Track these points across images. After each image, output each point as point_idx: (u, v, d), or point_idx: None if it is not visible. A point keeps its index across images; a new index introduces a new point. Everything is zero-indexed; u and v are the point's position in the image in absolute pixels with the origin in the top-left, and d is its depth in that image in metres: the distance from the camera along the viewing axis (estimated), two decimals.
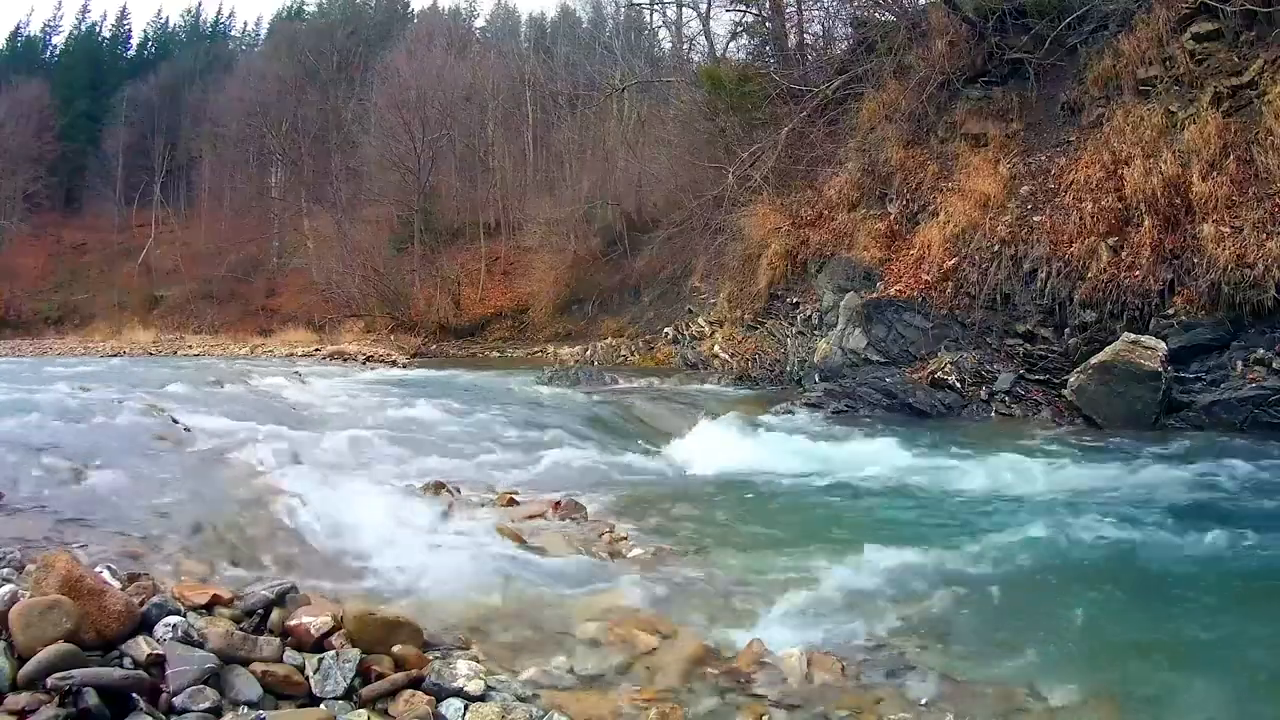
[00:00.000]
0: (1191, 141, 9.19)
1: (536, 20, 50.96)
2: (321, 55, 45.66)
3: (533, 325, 27.77)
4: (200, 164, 47.03)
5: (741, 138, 17.10)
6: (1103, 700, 2.89)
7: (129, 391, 9.20)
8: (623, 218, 26.25)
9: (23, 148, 43.36)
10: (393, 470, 6.00)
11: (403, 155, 31.88)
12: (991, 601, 3.86)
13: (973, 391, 9.76)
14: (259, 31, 63.39)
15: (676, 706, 2.70)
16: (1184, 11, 9.99)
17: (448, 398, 11.22)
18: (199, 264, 40.05)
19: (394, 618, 2.90)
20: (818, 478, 6.55)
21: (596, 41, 34.86)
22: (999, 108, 12.03)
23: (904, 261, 11.72)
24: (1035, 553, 4.43)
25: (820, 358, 11.75)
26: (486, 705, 2.58)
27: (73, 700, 2.17)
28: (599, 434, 8.51)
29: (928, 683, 2.98)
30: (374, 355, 23.00)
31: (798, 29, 19.06)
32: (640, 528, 4.96)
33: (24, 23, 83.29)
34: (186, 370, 15.95)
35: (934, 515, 5.47)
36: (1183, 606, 3.86)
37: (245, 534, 3.98)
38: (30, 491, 4.09)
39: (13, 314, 38.68)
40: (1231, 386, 8.12)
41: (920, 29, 13.49)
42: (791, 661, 3.02)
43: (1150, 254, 8.99)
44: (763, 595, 3.79)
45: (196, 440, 5.95)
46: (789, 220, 13.82)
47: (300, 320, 31.95)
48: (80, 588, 2.48)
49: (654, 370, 15.83)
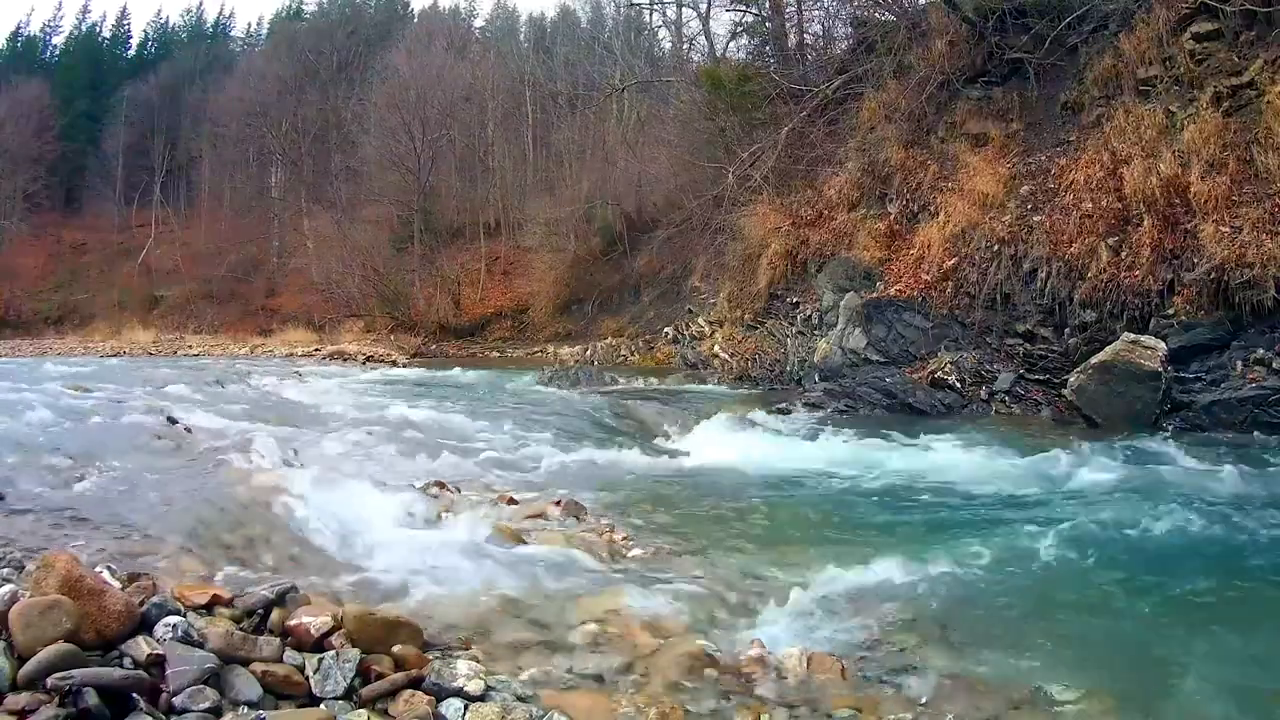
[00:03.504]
0: (1191, 141, 9.18)
1: (536, 20, 51.07)
2: (321, 55, 45.73)
3: (533, 325, 27.79)
4: (200, 164, 47.11)
5: (741, 138, 17.11)
6: (1103, 700, 2.89)
7: (129, 391, 9.20)
8: (623, 218, 26.26)
9: (23, 148, 43.42)
10: (393, 470, 5.99)
11: (403, 155, 31.92)
12: (991, 601, 3.85)
13: (973, 391, 9.76)
14: (259, 32, 63.45)
15: (676, 706, 2.70)
16: (1184, 11, 9.99)
17: (448, 398, 11.24)
18: (199, 264, 40.10)
19: (394, 618, 2.90)
20: (818, 477, 6.55)
21: (596, 41, 34.91)
22: (999, 108, 12.04)
23: (904, 261, 11.72)
24: (1035, 552, 4.43)
25: (820, 357, 11.75)
26: (486, 705, 2.58)
27: (73, 700, 2.17)
28: (599, 434, 8.51)
29: (928, 683, 2.98)
30: (374, 355, 23.02)
31: (798, 29, 19.10)
32: (640, 528, 4.96)
33: (24, 23, 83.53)
34: (186, 370, 15.96)
35: (934, 515, 5.46)
36: (1183, 606, 3.86)
37: (245, 534, 3.98)
38: (30, 491, 4.09)
39: (13, 314, 38.73)
40: (1231, 386, 8.11)
41: (920, 29, 13.50)
42: (791, 661, 3.02)
43: (1150, 254, 8.98)
44: (763, 595, 3.79)
45: (196, 440, 5.95)
46: (789, 220, 13.82)
47: (300, 320, 32.00)
48: (80, 588, 2.48)
49: (654, 370, 15.83)
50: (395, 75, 35.19)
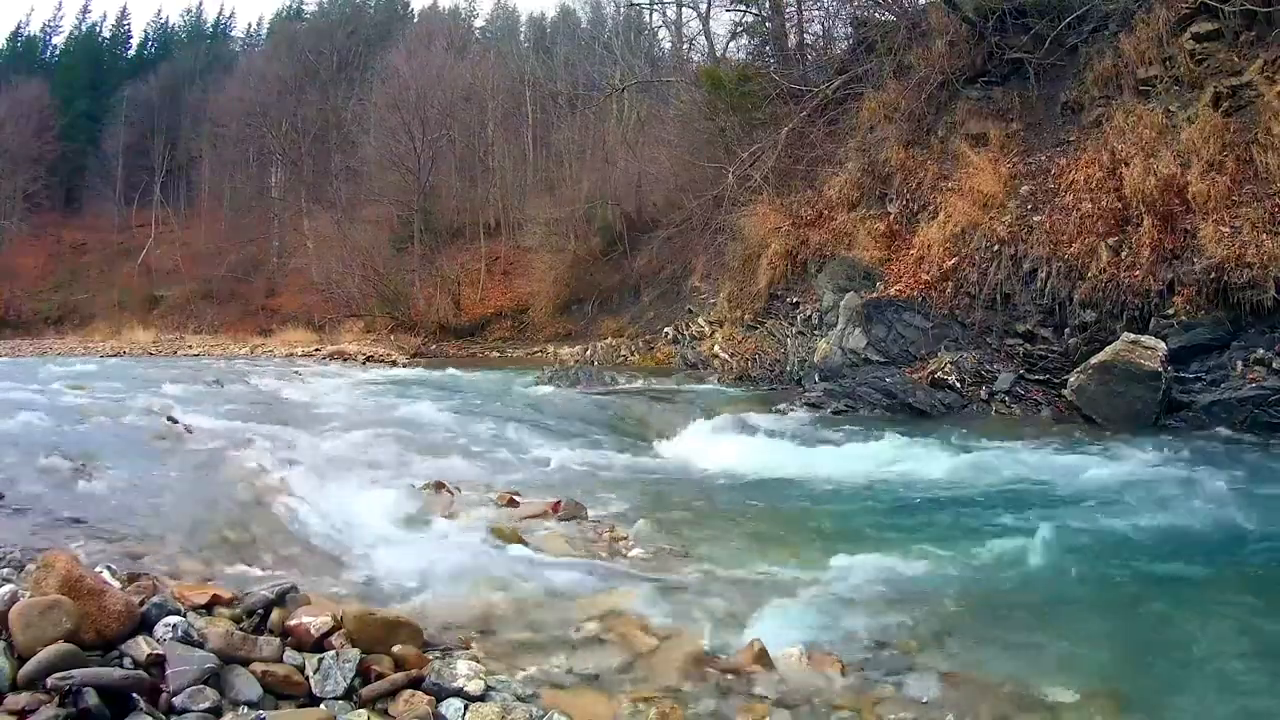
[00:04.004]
0: (1191, 141, 9.18)
1: (536, 20, 51.07)
2: (321, 55, 45.72)
3: (533, 325, 27.76)
4: (200, 164, 47.09)
5: (741, 138, 17.12)
6: (1103, 700, 2.89)
7: (129, 392, 9.21)
8: (623, 218, 26.25)
9: (23, 148, 43.43)
10: (392, 470, 6.00)
11: (403, 155, 31.90)
12: (991, 601, 3.86)
13: (973, 391, 9.76)
14: (260, 32, 63.46)
15: (676, 706, 2.70)
16: (1184, 11, 9.99)
17: (447, 398, 11.24)
18: (199, 264, 40.09)
19: (394, 618, 2.90)
20: (818, 477, 6.54)
21: (596, 41, 34.88)
22: (999, 108, 12.03)
23: (904, 261, 11.72)
24: (1035, 553, 4.43)
25: (820, 358, 11.74)
26: (486, 705, 2.58)
27: (73, 700, 2.17)
28: (599, 434, 8.51)
29: (928, 683, 2.98)
30: (374, 355, 23.01)
31: (798, 29, 19.11)
32: (640, 528, 4.96)
33: (24, 23, 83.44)
34: (186, 370, 15.96)
35: (934, 515, 5.46)
36: (1183, 606, 3.86)
37: (245, 534, 3.98)
38: (30, 491, 4.09)
39: (13, 314, 38.72)
40: (1231, 386, 8.11)
41: (920, 29, 13.49)
42: (791, 661, 3.02)
43: (1150, 254, 8.98)
44: (763, 595, 3.79)
45: (196, 440, 5.96)
46: (789, 220, 13.82)
47: (300, 320, 31.98)
48: (80, 588, 2.48)
49: (654, 370, 15.83)
50: (395, 75, 35.14)
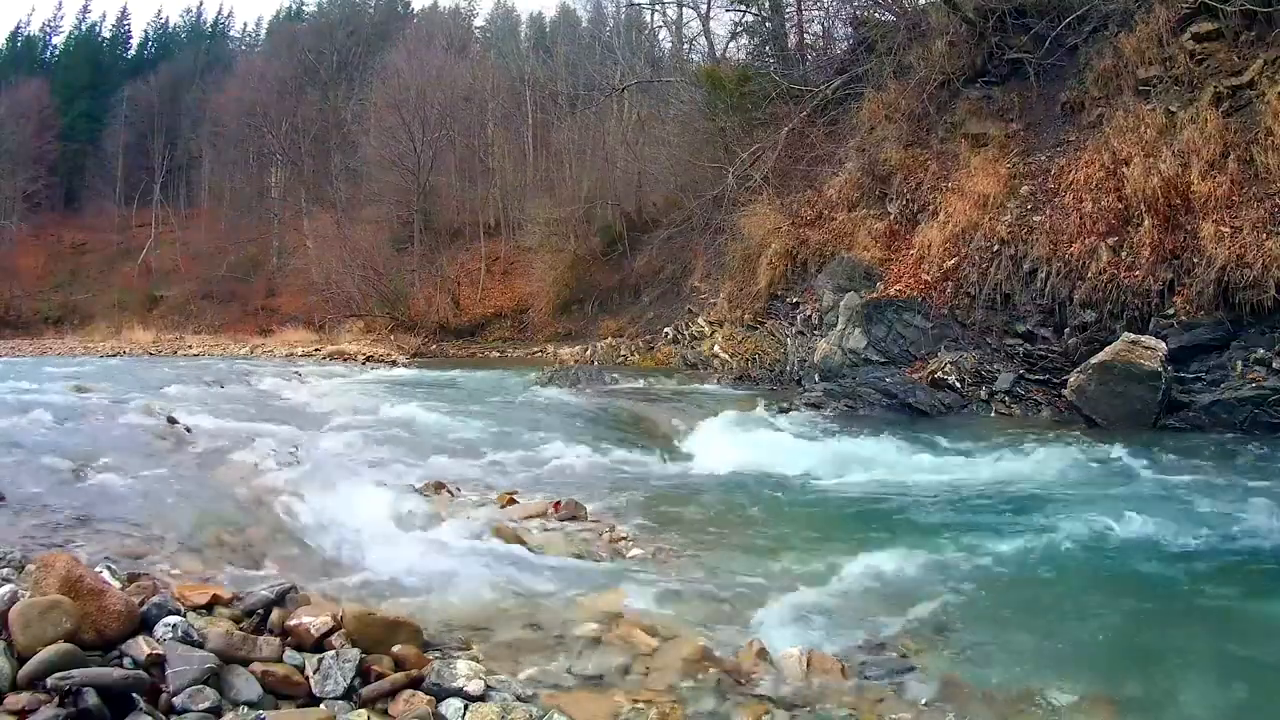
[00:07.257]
0: (1191, 141, 9.18)
1: (536, 20, 51.12)
2: (321, 55, 45.70)
3: (532, 325, 27.76)
4: (200, 164, 47.09)
5: (741, 138, 17.13)
6: (1103, 701, 2.89)
7: (129, 392, 9.21)
8: (623, 218, 26.26)
9: (23, 148, 43.45)
10: (392, 470, 6.00)
11: (402, 155, 31.90)
12: (992, 601, 3.86)
13: (973, 391, 9.76)
14: (259, 32, 63.44)
15: (676, 706, 2.70)
16: (1184, 11, 9.99)
17: (447, 398, 11.25)
18: (199, 264, 40.10)
19: (394, 618, 2.90)
20: (818, 477, 6.55)
21: (596, 41, 34.90)
22: (999, 107, 12.03)
23: (904, 261, 11.72)
24: (1035, 553, 4.43)
25: (820, 357, 11.74)
26: (486, 705, 2.58)
27: (73, 700, 2.17)
28: (599, 434, 8.51)
29: (928, 683, 2.98)
30: (374, 355, 23.03)
31: (798, 29, 19.11)
32: (640, 528, 4.96)
33: (24, 22, 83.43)
34: (186, 370, 15.96)
35: (934, 515, 5.46)
36: (1183, 606, 3.86)
37: (245, 534, 3.98)
38: (30, 491, 4.09)
39: (13, 314, 38.71)
40: (1231, 386, 8.11)
41: (920, 29, 13.49)
42: (791, 661, 3.02)
43: (1150, 254, 8.98)
44: (763, 595, 3.79)
45: (196, 440, 5.96)
46: (789, 220, 13.83)
47: (300, 320, 31.99)
48: (80, 588, 2.48)
49: (654, 370, 15.81)
50: (395, 75, 35.14)
